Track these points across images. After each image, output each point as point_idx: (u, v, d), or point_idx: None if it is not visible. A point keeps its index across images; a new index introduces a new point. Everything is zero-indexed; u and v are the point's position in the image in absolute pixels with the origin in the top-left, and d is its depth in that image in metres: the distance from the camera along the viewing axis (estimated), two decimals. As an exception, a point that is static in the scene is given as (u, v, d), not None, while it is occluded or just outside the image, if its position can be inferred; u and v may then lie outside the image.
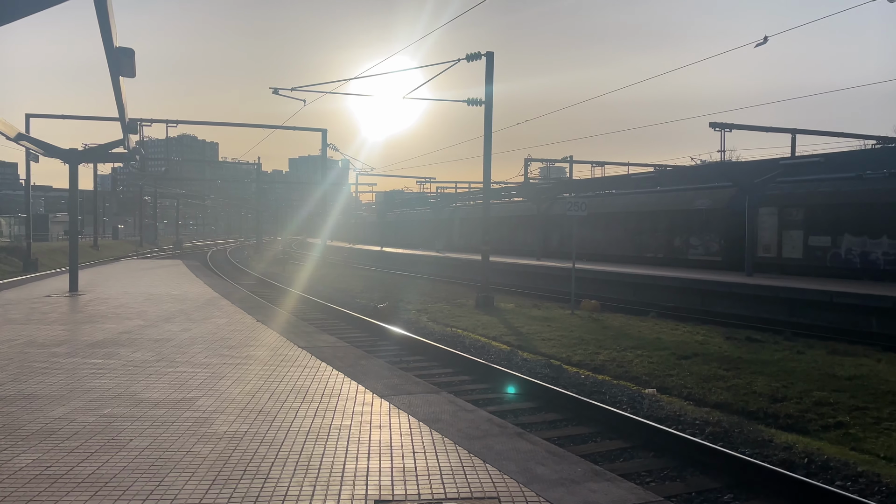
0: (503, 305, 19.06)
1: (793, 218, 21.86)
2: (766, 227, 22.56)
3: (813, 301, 16.49)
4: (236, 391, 6.47)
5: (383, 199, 68.36)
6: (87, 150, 19.88)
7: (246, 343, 9.31)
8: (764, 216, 22.53)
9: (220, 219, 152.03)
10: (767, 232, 22.57)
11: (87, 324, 11.01)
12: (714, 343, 12.76)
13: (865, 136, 33.47)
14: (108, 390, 6.43)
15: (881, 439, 7.25)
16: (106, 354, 8.28)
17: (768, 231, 22.56)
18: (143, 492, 3.96)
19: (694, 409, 8.54)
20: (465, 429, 5.33)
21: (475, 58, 19.16)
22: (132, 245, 66.29)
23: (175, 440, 4.93)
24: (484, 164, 19.72)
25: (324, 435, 5.11)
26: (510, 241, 36.86)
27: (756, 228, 22.28)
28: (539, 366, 10.87)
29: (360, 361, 8.13)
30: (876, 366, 10.66)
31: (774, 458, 6.58)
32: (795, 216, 21.78)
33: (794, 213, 21.83)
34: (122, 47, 9.57)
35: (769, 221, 22.49)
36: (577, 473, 4.38)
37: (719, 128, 31.54)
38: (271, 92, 25.42)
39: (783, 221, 22.17)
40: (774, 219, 22.33)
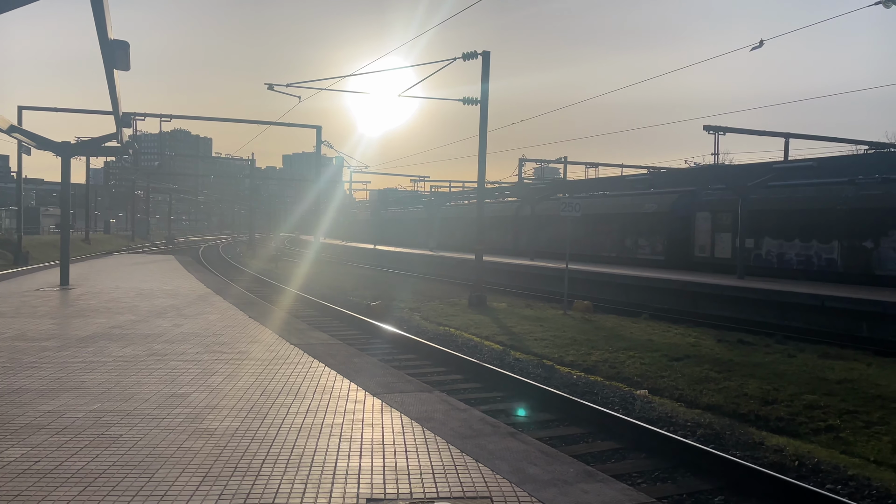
0: (496, 305, 19.06)
1: (724, 222, 23.77)
2: (702, 229, 24.69)
3: (804, 305, 16.55)
4: (228, 388, 6.44)
5: (377, 197, 68.31)
6: (80, 143, 19.76)
7: (238, 339, 9.27)
8: (700, 220, 24.75)
9: (213, 214, 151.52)
10: (703, 234, 24.63)
11: (78, 318, 10.94)
12: (706, 345, 12.79)
13: (858, 142, 33.61)
14: (99, 385, 6.38)
15: (871, 443, 7.28)
16: (96, 349, 8.23)
17: (704, 233, 24.62)
18: (132, 487, 3.93)
19: (685, 410, 8.56)
20: (458, 428, 5.32)
21: (471, 57, 19.15)
22: (124, 239, 65.98)
23: (166, 436, 4.90)
24: (479, 163, 19.71)
25: (316, 433, 5.08)
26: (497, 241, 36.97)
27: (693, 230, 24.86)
28: (531, 366, 10.88)
29: (353, 359, 8.11)
30: (866, 370, 10.71)
31: (765, 461, 6.61)
32: (726, 221, 23.66)
33: (724, 218, 23.71)
34: (116, 40, 9.51)
35: (704, 225, 24.63)
36: (570, 474, 4.37)
37: (713, 131, 31.62)
38: (266, 88, 25.33)
39: (716, 225, 24.23)
40: (709, 223, 24.47)
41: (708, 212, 24.55)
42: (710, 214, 24.50)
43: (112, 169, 78.47)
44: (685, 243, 25.23)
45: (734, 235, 22.85)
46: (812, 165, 23.63)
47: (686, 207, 25.40)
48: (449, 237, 43.73)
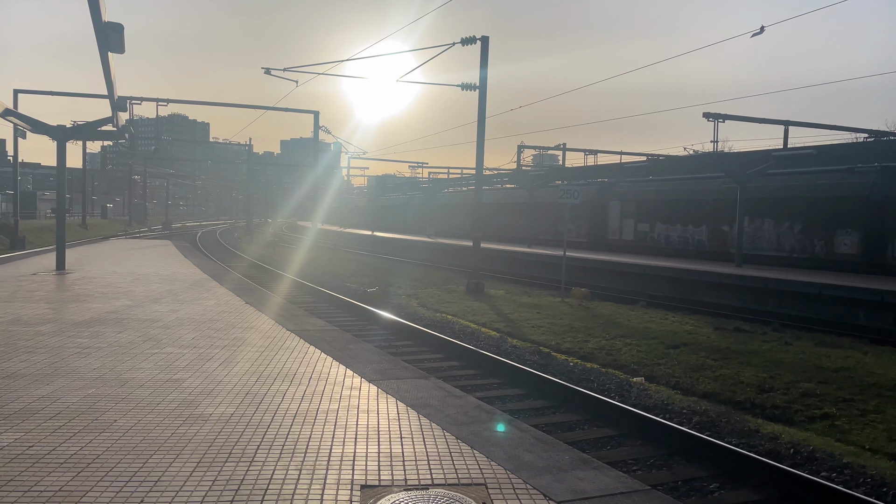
0: (493, 292, 19.06)
1: (628, 210, 28.45)
2: (614, 216, 29.16)
3: (800, 293, 16.57)
4: (223, 373, 6.42)
5: (375, 183, 68.09)
6: (76, 127, 19.62)
7: (234, 325, 9.24)
8: (612, 208, 29.17)
9: (211, 200, 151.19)
10: (614, 220, 29.15)
11: (74, 303, 10.91)
12: (703, 333, 12.80)
13: (858, 130, 33.54)
14: (94, 370, 6.36)
15: (866, 431, 7.30)
16: (92, 334, 8.20)
17: (615, 219, 29.13)
18: (126, 472, 3.91)
19: (682, 398, 8.56)
20: (454, 414, 5.31)
21: (470, 42, 19.01)
22: (121, 224, 65.80)
23: (160, 421, 4.88)
24: (477, 149, 19.62)
25: (311, 419, 5.07)
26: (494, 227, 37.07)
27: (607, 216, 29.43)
28: (528, 353, 10.87)
29: (349, 345, 8.09)
30: (863, 358, 10.72)
31: (761, 448, 6.61)
32: (630, 209, 28.37)
33: (629, 207, 28.40)
34: (110, 22, 9.41)
35: (615, 212, 29.09)
36: (565, 461, 4.37)
37: (713, 118, 31.52)
38: (263, 72, 25.18)
39: (623, 212, 28.67)
40: (618, 210, 28.95)
41: (618, 201, 28.96)
42: (619, 203, 28.90)
43: (109, 153, 78.05)
44: (601, 227, 29.76)
45: (636, 221, 27.87)
46: (811, 153, 23.58)
47: (602, 197, 29.75)
48: (447, 224, 43.69)
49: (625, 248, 27.56)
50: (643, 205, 27.65)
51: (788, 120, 33.38)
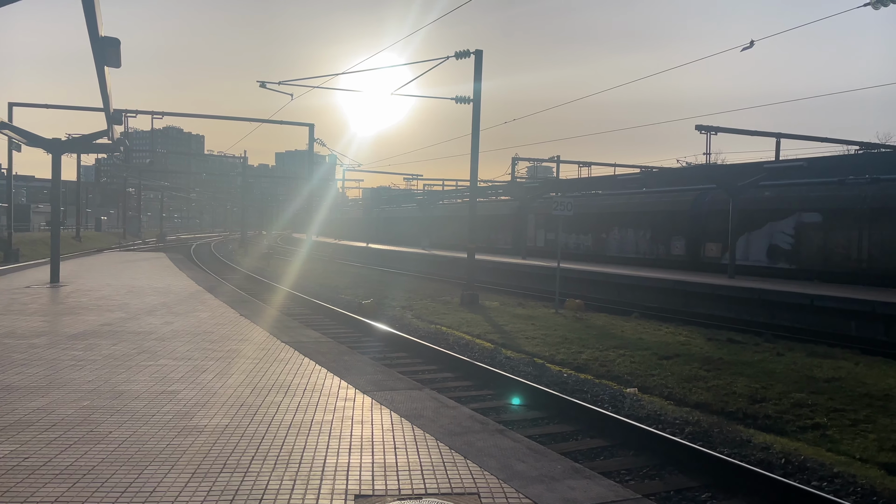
0: (488, 303, 19.10)
1: (540, 222, 33.83)
2: (531, 227, 34.51)
3: (793, 304, 16.67)
4: (218, 385, 6.44)
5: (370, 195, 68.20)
6: (71, 140, 19.65)
7: (229, 337, 9.26)
8: (529, 221, 34.56)
9: (205, 212, 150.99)
10: (531, 230, 34.52)
11: (68, 315, 10.91)
12: (696, 344, 12.87)
13: (849, 142, 33.83)
14: (88, 382, 6.38)
15: (857, 441, 7.36)
16: (86, 346, 8.21)
17: (532, 230, 34.50)
18: (121, 484, 3.94)
19: (674, 408, 8.61)
20: (447, 425, 5.35)
21: (464, 55, 19.17)
22: (115, 237, 65.68)
23: (155, 433, 4.91)
24: (471, 162, 19.74)
25: (305, 430, 5.10)
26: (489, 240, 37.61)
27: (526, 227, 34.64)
28: (522, 364, 10.91)
29: (344, 357, 8.12)
30: (854, 368, 10.80)
31: (752, 458, 6.66)
32: (541, 221, 33.66)
33: (540, 220, 33.72)
34: (107, 37, 9.49)
35: (532, 224, 34.50)
36: (557, 471, 4.41)
37: (705, 130, 31.79)
38: (258, 85, 25.26)
39: (537, 224, 34.11)
40: (534, 223, 34.42)
41: (533, 215, 34.13)
42: (534, 217, 34.11)
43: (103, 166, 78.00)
44: (522, 236, 34.53)
45: (546, 231, 33.22)
46: (802, 165, 23.77)
47: (523, 212, 34.70)
48: (442, 236, 43.81)
49: (538, 253, 32.54)
50: (550, 218, 31.94)
51: (780, 132, 33.67)
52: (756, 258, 22.67)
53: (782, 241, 21.83)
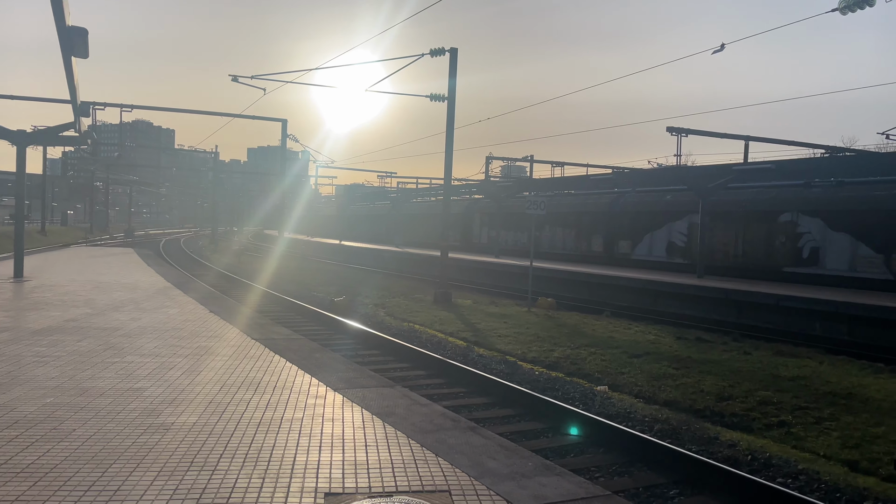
0: (461, 302, 19.12)
1: (484, 221, 37.02)
2: (476, 225, 37.97)
3: (760, 304, 16.96)
4: (186, 382, 6.35)
5: (344, 192, 67.82)
6: (36, 132, 19.21)
7: (198, 334, 9.14)
8: (475, 219, 37.95)
9: (175, 208, 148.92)
10: (476, 228, 37.75)
11: (32, 311, 10.67)
12: (665, 342, 13.02)
13: (815, 145, 34.46)
14: (52, 379, 6.24)
15: (821, 438, 7.50)
16: (51, 342, 8.04)
17: (477, 227, 37.76)
18: (85, 482, 3.85)
19: (644, 406, 8.70)
20: (419, 423, 5.33)
21: (439, 53, 19.14)
22: (82, 232, 64.40)
23: (120, 431, 4.82)
24: (445, 160, 19.72)
25: (275, 427, 5.05)
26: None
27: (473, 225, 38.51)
28: (494, 362, 10.94)
29: (315, 354, 8.06)
30: (818, 367, 11.01)
31: (719, 455, 6.75)
32: (485, 220, 36.76)
33: (485, 219, 36.92)
34: (74, 26, 9.29)
35: (477, 222, 37.82)
36: (528, 468, 4.42)
37: (676, 132, 32.07)
38: (230, 79, 24.95)
39: (481, 223, 37.52)
40: (479, 221, 37.73)
41: (478, 214, 37.57)
42: (479, 216, 37.60)
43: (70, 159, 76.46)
44: (469, 234, 38.40)
45: (489, 229, 35.91)
46: (770, 168, 24.19)
47: (470, 211, 38.72)
48: (415, 234, 43.79)
49: (483, 249, 35.17)
50: (492, 217, 35.06)
51: (749, 135, 34.13)
52: (658, 254, 25.67)
53: (678, 239, 24.83)
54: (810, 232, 20.50)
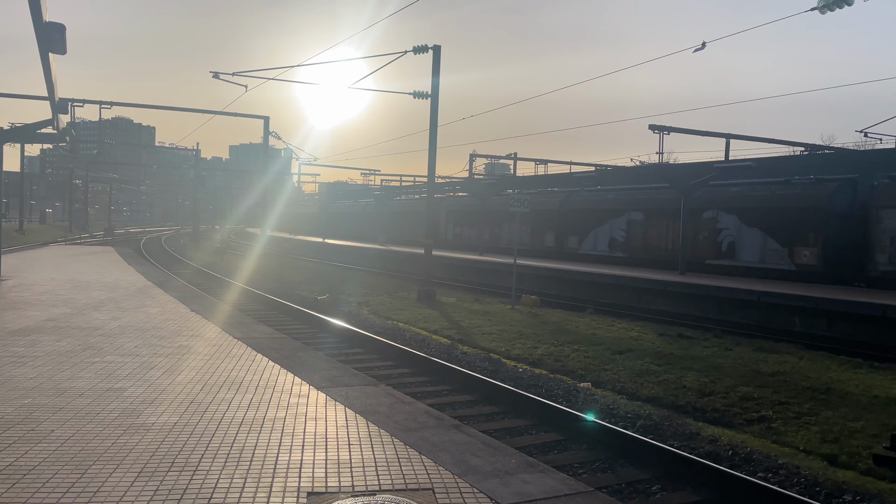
0: (445, 299, 19.12)
1: (449, 218, 39.00)
2: (442, 222, 39.18)
3: (741, 300, 17.13)
4: (167, 382, 6.29)
5: (327, 190, 67.52)
6: (14, 129, 18.91)
7: (179, 333, 9.06)
8: (442, 216, 39.21)
9: (156, 205, 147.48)
10: (442, 225, 39.13)
11: (10, 310, 10.51)
12: (647, 339, 13.10)
13: (794, 143, 34.87)
14: (30, 379, 6.15)
15: (801, 433, 7.59)
16: (29, 343, 7.93)
17: (442, 224, 39.13)
18: (63, 484, 3.80)
19: (627, 402, 8.75)
20: (403, 421, 5.32)
21: (422, 50, 19.11)
22: (61, 230, 63.59)
23: (100, 431, 4.76)
24: (429, 157, 19.72)
25: (257, 427, 5.01)
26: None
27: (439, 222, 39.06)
28: (478, 359, 10.95)
29: (298, 353, 8.02)
30: (798, 363, 11.14)
31: (701, 451, 6.82)
32: (452, 217, 38.83)
33: (452, 216, 38.91)
34: (52, 22, 9.15)
35: (444, 220, 39.30)
36: (511, 465, 4.43)
37: (658, 130, 32.33)
38: (212, 76, 24.76)
39: (447, 220, 39.12)
40: (444, 218, 39.26)
41: (444, 212, 39.15)
42: (445, 213, 39.19)
43: (48, 157, 75.57)
44: (436, 231, 37.33)
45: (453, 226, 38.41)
46: (751, 165, 24.43)
47: (436, 209, 37.98)
48: (399, 231, 43.76)
49: (448, 245, 36.89)
50: (455, 215, 38.28)
51: (730, 133, 34.46)
52: (601, 249, 27.41)
53: (618, 235, 26.64)
54: (728, 228, 22.25)
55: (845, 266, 19.42)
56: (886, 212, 18.38)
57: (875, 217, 18.65)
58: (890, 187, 18.62)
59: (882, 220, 18.46)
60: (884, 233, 18.46)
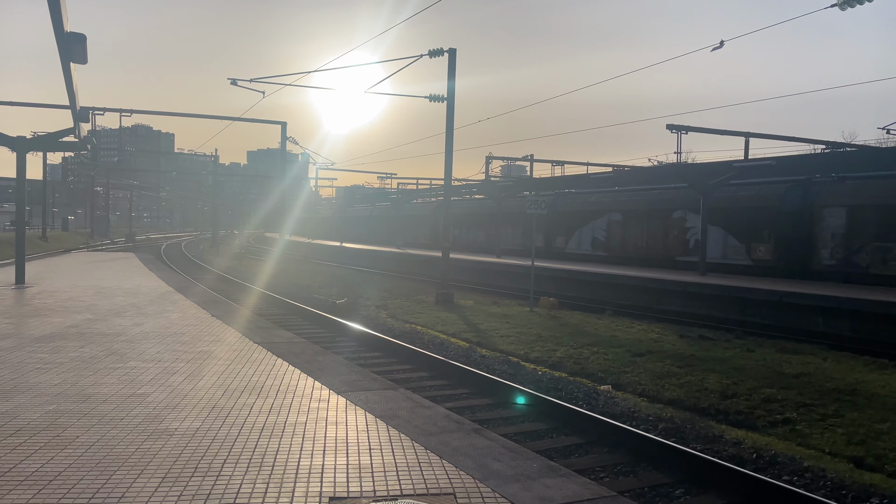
0: (463, 302, 19.11)
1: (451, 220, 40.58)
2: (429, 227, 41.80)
3: (762, 301, 16.94)
4: (189, 387, 6.34)
5: (344, 194, 67.85)
6: (36, 138, 19.24)
7: (200, 338, 9.13)
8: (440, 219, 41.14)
9: (176, 211, 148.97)
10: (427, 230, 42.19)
11: (34, 317, 10.66)
12: (668, 341, 13.00)
13: (815, 141, 34.43)
14: (55, 386, 6.23)
15: (826, 435, 7.48)
16: (53, 349, 8.03)
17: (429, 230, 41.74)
18: (90, 489, 3.84)
19: (648, 405, 8.68)
20: (423, 425, 5.32)
21: (437, 54, 19.13)
22: (83, 237, 64.43)
23: (124, 437, 4.81)
24: (445, 160, 19.72)
25: (278, 432, 5.04)
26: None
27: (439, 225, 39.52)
28: (497, 362, 10.92)
29: (318, 357, 8.05)
30: (822, 364, 10.99)
31: (725, 454, 6.74)
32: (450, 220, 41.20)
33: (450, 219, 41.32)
34: (73, 32, 9.29)
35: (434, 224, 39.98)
36: (533, 469, 4.41)
37: (676, 130, 32.05)
38: (229, 83, 24.95)
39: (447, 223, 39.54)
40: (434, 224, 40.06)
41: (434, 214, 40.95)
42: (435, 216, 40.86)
43: (70, 165, 76.47)
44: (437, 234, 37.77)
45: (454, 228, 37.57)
46: (771, 164, 24.15)
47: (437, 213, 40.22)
48: (417, 234, 43.83)
49: (423, 246, 39.17)
50: (457, 217, 38.71)
51: (749, 132, 34.11)
52: (585, 248, 29.00)
53: (600, 235, 28.33)
54: (694, 227, 23.59)
55: (794, 261, 20.79)
56: (828, 210, 19.97)
57: (818, 216, 20.20)
58: (831, 188, 20.21)
59: (824, 219, 20.05)
60: (825, 230, 20.05)
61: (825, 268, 19.94)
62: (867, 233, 18.91)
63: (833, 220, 19.75)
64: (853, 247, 19.27)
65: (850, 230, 19.34)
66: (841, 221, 19.56)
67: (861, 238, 19.06)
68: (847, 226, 19.42)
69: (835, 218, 19.71)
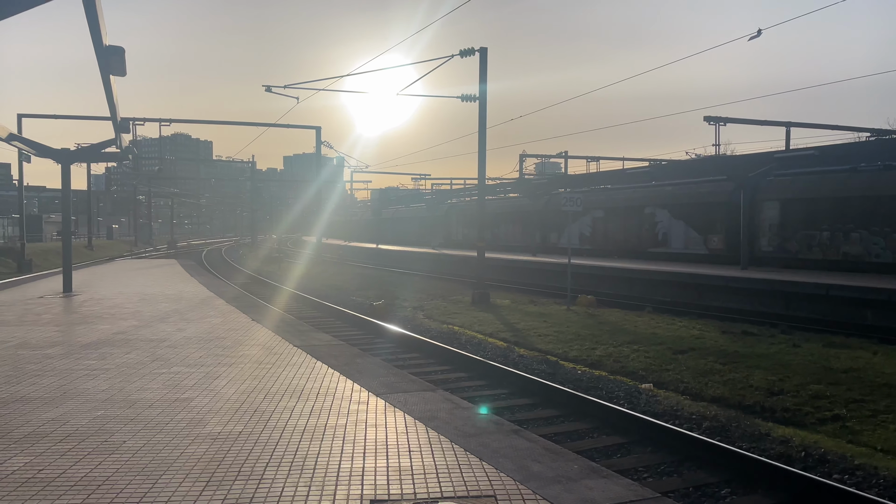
0: (499, 302, 19.04)
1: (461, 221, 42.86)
2: (454, 224, 43.95)
3: (808, 294, 16.51)
4: (231, 391, 6.43)
5: (378, 196, 68.21)
6: (79, 149, 19.78)
7: (240, 342, 9.26)
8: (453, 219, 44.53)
9: (215, 217, 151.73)
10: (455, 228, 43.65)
11: (81, 325, 10.95)
12: (710, 337, 12.75)
13: (859, 129, 33.47)
14: (102, 392, 6.38)
15: (878, 432, 7.25)
16: (100, 356, 8.23)
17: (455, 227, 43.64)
18: (136, 494, 3.92)
19: (691, 403, 8.53)
20: (461, 426, 5.30)
21: (468, 54, 19.10)
22: (127, 245, 66.08)
23: (169, 441, 4.90)
24: (479, 160, 19.67)
25: (319, 434, 5.07)
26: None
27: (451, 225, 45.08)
28: (535, 362, 10.86)
29: (356, 360, 8.10)
30: (872, 358, 10.66)
31: (772, 452, 6.58)
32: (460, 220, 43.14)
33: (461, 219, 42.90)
34: (111, 45, 9.50)
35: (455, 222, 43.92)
36: (574, 470, 4.36)
37: (714, 122, 31.55)
38: (264, 90, 25.30)
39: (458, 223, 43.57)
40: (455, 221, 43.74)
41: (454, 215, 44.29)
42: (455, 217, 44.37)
43: (113, 174, 78.60)
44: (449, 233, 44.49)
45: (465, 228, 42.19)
46: (813, 154, 23.52)
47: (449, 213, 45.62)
48: (454, 235, 43.93)
49: (459, 245, 40.83)
50: (467, 218, 41.61)
51: (790, 121, 33.36)
52: (574, 243, 28.81)
53: (586, 230, 30.67)
54: (662, 221, 26.34)
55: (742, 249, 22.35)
56: (767, 204, 22.23)
57: (759, 208, 22.42)
58: (772, 183, 22.36)
59: (763, 211, 22.35)
60: (764, 221, 22.43)
61: (763, 254, 22.27)
62: (796, 222, 21.37)
63: (770, 212, 22.18)
64: (785, 235, 21.68)
65: (783, 221, 21.81)
66: (775, 213, 22.03)
67: (791, 228, 21.50)
68: (780, 217, 21.90)
69: (771, 210, 22.13)
